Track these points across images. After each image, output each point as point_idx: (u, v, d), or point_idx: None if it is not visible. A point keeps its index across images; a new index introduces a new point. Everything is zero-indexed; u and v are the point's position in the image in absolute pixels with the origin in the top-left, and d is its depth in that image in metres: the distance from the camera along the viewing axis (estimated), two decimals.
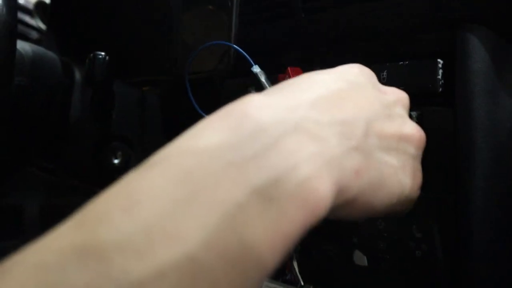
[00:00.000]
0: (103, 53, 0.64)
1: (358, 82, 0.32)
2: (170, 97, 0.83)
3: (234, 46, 0.47)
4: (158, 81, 0.91)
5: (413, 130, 0.34)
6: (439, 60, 0.41)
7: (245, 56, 0.47)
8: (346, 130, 0.27)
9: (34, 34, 1.39)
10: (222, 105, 0.61)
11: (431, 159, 0.43)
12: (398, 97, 0.35)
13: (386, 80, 0.45)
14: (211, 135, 0.23)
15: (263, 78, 0.46)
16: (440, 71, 0.41)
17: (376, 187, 0.29)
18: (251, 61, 0.46)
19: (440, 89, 0.42)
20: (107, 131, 0.75)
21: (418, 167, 0.35)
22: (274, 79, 0.52)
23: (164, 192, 0.21)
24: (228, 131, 0.23)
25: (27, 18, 1.37)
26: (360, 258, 0.49)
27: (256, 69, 0.46)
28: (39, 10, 1.20)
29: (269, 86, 0.46)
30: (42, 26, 1.23)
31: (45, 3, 1.18)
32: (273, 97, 0.26)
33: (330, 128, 0.26)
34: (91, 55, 0.64)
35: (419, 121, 0.44)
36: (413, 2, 0.43)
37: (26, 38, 1.37)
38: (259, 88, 0.49)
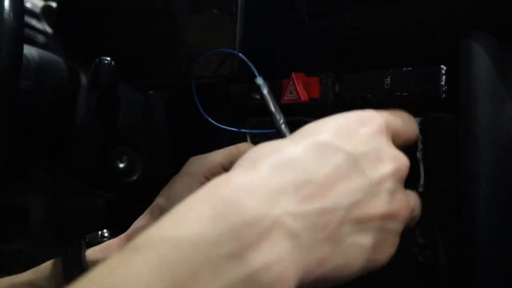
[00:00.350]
0: (108, 58, 0.64)
1: (353, 157, 0.30)
2: (176, 100, 0.84)
3: (240, 54, 0.47)
4: (163, 85, 0.92)
5: (399, 206, 0.32)
6: (442, 66, 0.42)
7: (250, 66, 0.47)
8: (322, 221, 0.28)
9: (41, 38, 1.40)
10: (226, 110, 0.61)
11: (434, 165, 0.44)
12: (394, 168, 0.32)
13: (389, 86, 0.45)
14: (194, 223, 0.24)
15: (265, 91, 0.46)
16: (443, 77, 0.42)
17: (340, 269, 0.29)
18: (256, 72, 0.46)
19: (444, 95, 0.42)
20: (112, 135, 0.75)
21: (396, 239, 0.33)
22: (278, 84, 0.52)
23: (148, 284, 0.22)
24: (209, 221, 0.24)
25: (34, 22, 1.39)
26: None
27: (259, 81, 0.47)
28: (46, 14, 1.21)
29: (271, 98, 0.46)
30: (48, 29, 1.24)
31: (51, 7, 1.19)
32: (259, 177, 0.27)
33: (306, 221, 0.27)
34: (97, 60, 0.65)
35: (423, 126, 0.44)
36: (417, 9, 0.43)
37: (33, 42, 1.38)
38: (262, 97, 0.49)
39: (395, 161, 0.33)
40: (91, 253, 0.46)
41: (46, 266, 0.47)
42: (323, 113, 0.51)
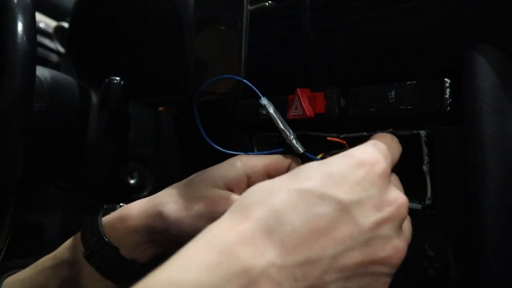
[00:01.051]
0: (118, 78, 0.66)
1: (343, 205, 0.31)
2: (185, 116, 0.85)
3: (244, 80, 0.48)
4: (173, 101, 0.93)
5: (392, 253, 0.32)
6: (446, 79, 0.42)
7: (253, 89, 0.47)
8: (305, 271, 0.29)
9: (54, 57, 1.42)
10: (235, 124, 0.61)
11: (442, 177, 0.44)
12: (390, 214, 0.33)
13: (394, 99, 0.45)
14: (195, 271, 0.27)
15: (271, 110, 0.47)
16: (448, 90, 0.42)
17: None
18: (259, 94, 0.47)
19: (448, 108, 0.42)
20: (123, 152, 0.76)
21: (387, 280, 0.33)
22: (284, 100, 0.53)
23: None
24: (208, 270, 0.27)
25: (46, 41, 1.42)
26: None
27: (264, 101, 0.47)
28: (58, 34, 1.24)
29: (278, 116, 0.47)
30: (61, 49, 1.27)
31: (63, 27, 1.22)
32: (248, 229, 0.29)
33: (289, 271, 0.29)
34: (106, 80, 0.66)
35: (428, 139, 0.44)
36: (420, 23, 0.43)
37: (45, 61, 1.41)
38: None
39: (392, 207, 0.33)
40: (107, 219, 0.47)
41: (69, 239, 0.49)
42: (329, 128, 0.52)
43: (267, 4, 0.55)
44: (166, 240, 0.45)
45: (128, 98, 0.69)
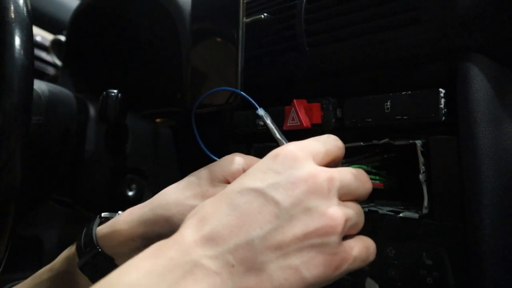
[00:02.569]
0: (115, 91, 0.66)
1: (262, 191, 0.34)
2: (183, 128, 0.85)
3: (240, 92, 0.48)
4: (170, 113, 0.94)
5: (323, 221, 0.34)
6: (441, 89, 0.42)
7: (250, 101, 0.48)
8: (239, 256, 0.32)
9: (51, 70, 1.43)
10: (233, 135, 0.61)
11: (438, 186, 0.44)
12: (308, 186, 0.34)
13: (390, 109, 0.46)
14: (133, 272, 0.31)
15: (268, 120, 0.47)
16: (443, 100, 0.42)
17: None
18: (256, 105, 0.47)
19: (443, 118, 0.42)
20: (121, 164, 0.77)
21: (335, 250, 0.34)
22: (281, 110, 0.53)
23: None
24: (144, 270, 0.31)
25: (43, 55, 1.42)
26: (372, 286, 0.49)
27: (261, 111, 0.48)
28: (55, 47, 1.24)
29: (274, 126, 0.47)
30: (58, 62, 1.27)
31: (60, 40, 1.22)
32: (183, 236, 0.33)
33: (223, 259, 0.32)
34: (104, 93, 0.66)
35: (424, 149, 0.44)
36: (415, 34, 0.44)
37: (42, 74, 1.41)
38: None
39: (309, 179, 0.34)
40: (103, 228, 0.47)
41: (66, 250, 0.50)
42: None
43: (262, 16, 0.55)
44: None
45: (126, 111, 0.70)
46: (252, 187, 0.34)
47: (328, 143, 0.40)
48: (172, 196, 0.46)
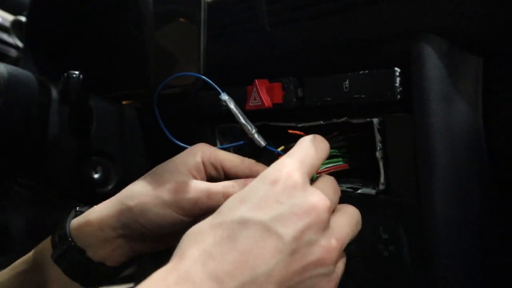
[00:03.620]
0: (76, 72, 0.65)
1: (265, 225, 0.33)
2: (148, 110, 0.84)
3: (202, 76, 0.49)
4: (136, 95, 0.93)
5: (321, 253, 0.34)
6: (396, 68, 0.43)
7: (213, 86, 0.48)
8: None
9: (13, 52, 1.39)
10: (197, 116, 0.61)
11: (394, 163, 0.45)
12: (310, 219, 0.34)
13: (348, 89, 0.46)
14: None
15: (232, 105, 0.48)
16: (398, 79, 0.43)
17: None
18: (219, 90, 0.48)
19: (399, 97, 0.43)
20: (86, 146, 0.76)
21: (331, 277, 0.35)
22: (243, 91, 0.54)
23: None
24: None
25: (4, 36, 1.38)
26: None
27: (224, 96, 0.48)
28: (16, 28, 1.20)
29: (238, 111, 0.48)
30: (19, 43, 1.24)
31: (21, 21, 1.18)
32: (185, 271, 0.32)
33: None
34: (65, 74, 0.65)
35: (381, 127, 0.46)
36: (371, 14, 0.44)
37: (3, 56, 1.37)
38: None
39: (312, 212, 0.34)
40: (76, 221, 0.48)
41: (42, 242, 0.50)
42: (287, 118, 0.53)
43: None
44: (135, 235, 0.46)
45: (88, 92, 0.69)
46: (255, 220, 0.33)
47: (320, 149, 0.40)
48: (137, 188, 0.46)
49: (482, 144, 0.44)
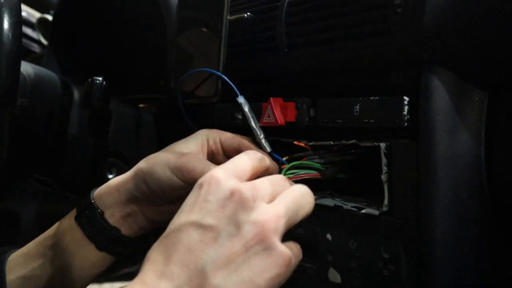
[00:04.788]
0: (100, 79, 0.68)
1: (197, 223, 0.37)
2: (165, 114, 0.87)
3: (222, 75, 0.51)
4: (153, 99, 0.95)
5: (257, 228, 0.36)
6: (405, 97, 0.45)
7: (231, 86, 0.51)
8: (195, 285, 0.35)
9: (36, 47, 1.43)
10: (213, 127, 0.64)
11: (398, 187, 0.48)
12: (239, 197, 0.37)
13: (358, 113, 0.49)
14: None
15: (246, 108, 0.51)
16: (406, 108, 0.45)
17: None
18: (237, 91, 0.50)
19: (406, 124, 0.46)
20: (103, 148, 0.79)
21: (279, 248, 0.37)
22: (258, 107, 0.56)
23: None
24: None
25: (29, 32, 1.41)
26: (334, 276, 0.53)
27: (241, 99, 0.51)
28: (41, 26, 1.24)
29: (252, 115, 0.50)
30: (43, 41, 1.27)
31: (47, 19, 1.22)
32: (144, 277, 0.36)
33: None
34: (89, 80, 0.68)
35: (388, 151, 0.48)
36: (384, 44, 0.47)
37: (28, 51, 1.41)
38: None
39: (233, 195, 0.37)
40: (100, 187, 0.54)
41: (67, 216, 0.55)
42: (299, 135, 0.56)
43: (245, 15, 0.58)
44: (145, 199, 0.50)
45: (109, 97, 0.72)
46: (188, 222, 0.37)
47: (253, 157, 0.43)
48: (153, 154, 0.51)
49: (483, 173, 0.46)
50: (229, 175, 0.39)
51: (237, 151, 0.52)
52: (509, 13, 0.40)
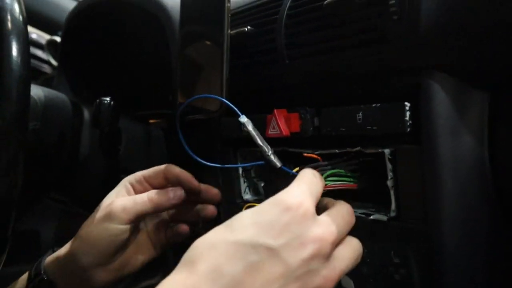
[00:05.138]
0: (108, 99, 0.69)
1: (273, 250, 0.36)
2: (174, 130, 0.88)
3: (224, 99, 0.52)
4: (162, 115, 0.97)
5: (321, 282, 0.37)
6: (406, 103, 0.46)
7: (233, 108, 0.51)
8: None
9: (47, 68, 1.46)
10: (220, 139, 0.65)
11: (404, 191, 0.48)
12: (316, 249, 0.37)
13: (361, 120, 0.49)
14: None
15: (250, 127, 0.51)
16: (408, 113, 0.46)
17: None
18: (239, 112, 0.51)
19: (409, 129, 0.46)
20: (114, 165, 0.80)
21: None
22: (263, 119, 0.57)
23: None
24: None
25: (39, 53, 1.44)
26: (348, 282, 0.54)
27: (243, 119, 0.51)
28: (51, 47, 1.27)
29: (256, 133, 0.51)
30: (53, 62, 1.30)
31: (56, 41, 1.25)
32: (194, 281, 0.35)
33: None
34: (97, 101, 0.70)
35: (392, 157, 0.48)
36: (383, 51, 0.47)
37: (38, 72, 1.44)
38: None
39: (318, 242, 0.37)
40: (50, 256, 0.56)
41: (23, 276, 0.57)
42: (304, 145, 0.56)
43: (246, 29, 0.59)
44: (93, 263, 0.53)
45: (118, 116, 0.73)
46: (266, 245, 0.36)
47: (321, 180, 0.45)
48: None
49: (488, 174, 0.46)
50: (314, 206, 0.40)
51: (167, 180, 0.57)
52: (502, 15, 0.40)
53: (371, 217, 0.51)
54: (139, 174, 0.57)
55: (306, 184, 0.42)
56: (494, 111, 0.46)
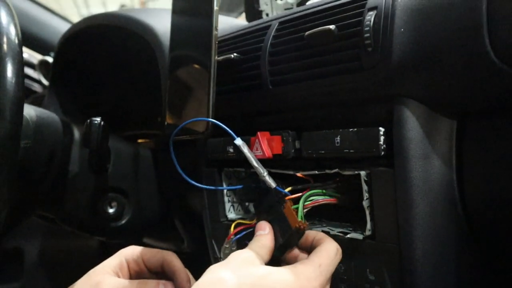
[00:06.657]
0: (98, 119, 0.72)
1: None
2: (162, 150, 0.91)
3: (217, 122, 0.54)
4: (150, 135, 0.99)
5: None
6: (380, 128, 0.49)
7: (228, 131, 0.54)
8: None
9: (37, 87, 1.48)
10: (206, 160, 0.67)
11: (378, 212, 0.51)
12: None
13: (339, 143, 0.52)
14: None
15: (245, 150, 0.54)
16: (382, 138, 0.49)
17: None
18: (234, 135, 0.53)
19: (383, 153, 0.49)
20: (103, 184, 0.82)
21: None
22: (247, 141, 0.60)
23: None
24: None
25: (30, 72, 1.47)
26: None
27: (238, 141, 0.54)
28: (42, 67, 1.29)
29: (252, 155, 0.53)
30: (44, 81, 1.32)
31: (47, 61, 1.27)
32: None
33: None
34: (88, 121, 0.72)
35: (368, 179, 0.51)
36: (359, 80, 0.50)
37: (29, 91, 1.46)
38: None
39: None
40: None
41: None
42: (286, 166, 0.59)
43: (232, 56, 0.62)
44: None
45: (108, 136, 0.75)
46: None
47: (336, 260, 0.48)
48: None
49: (456, 196, 0.50)
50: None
51: (161, 266, 0.55)
52: (470, 49, 0.44)
53: (348, 236, 0.53)
54: (138, 253, 0.55)
55: (327, 266, 0.46)
56: (461, 137, 0.49)
